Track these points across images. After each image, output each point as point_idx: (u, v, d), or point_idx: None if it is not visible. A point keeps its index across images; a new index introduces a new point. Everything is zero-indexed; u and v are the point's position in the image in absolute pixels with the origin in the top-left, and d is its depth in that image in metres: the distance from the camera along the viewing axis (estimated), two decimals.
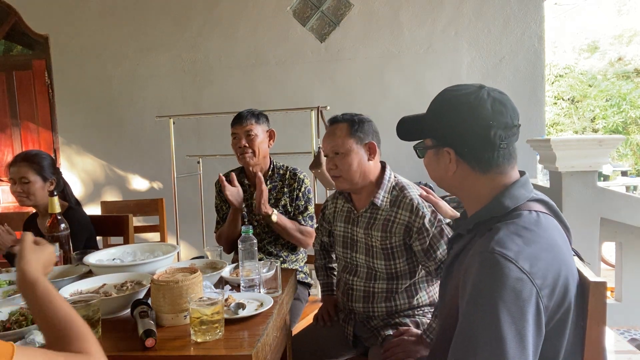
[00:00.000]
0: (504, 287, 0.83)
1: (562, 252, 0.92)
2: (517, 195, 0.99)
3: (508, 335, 0.81)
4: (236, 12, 4.00)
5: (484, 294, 0.85)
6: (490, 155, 0.99)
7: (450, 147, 1.02)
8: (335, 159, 1.64)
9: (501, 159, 0.99)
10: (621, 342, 2.35)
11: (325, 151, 1.69)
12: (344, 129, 1.65)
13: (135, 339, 1.16)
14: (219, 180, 2.05)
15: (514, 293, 0.83)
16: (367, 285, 1.69)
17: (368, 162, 1.65)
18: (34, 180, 2.04)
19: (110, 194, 4.27)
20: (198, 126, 4.07)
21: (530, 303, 0.83)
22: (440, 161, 1.06)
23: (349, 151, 1.62)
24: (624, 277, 2.97)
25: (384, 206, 1.64)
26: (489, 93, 0.99)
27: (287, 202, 2.14)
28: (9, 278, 1.69)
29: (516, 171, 1.03)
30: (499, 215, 0.97)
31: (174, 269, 1.42)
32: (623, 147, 11.94)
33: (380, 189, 1.66)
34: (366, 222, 1.68)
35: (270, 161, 2.20)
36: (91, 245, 2.13)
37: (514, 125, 0.99)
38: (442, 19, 3.81)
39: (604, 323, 0.91)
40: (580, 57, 14.03)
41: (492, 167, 1.00)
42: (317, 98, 3.78)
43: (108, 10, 4.14)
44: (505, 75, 3.77)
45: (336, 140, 1.64)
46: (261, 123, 2.14)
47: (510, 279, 0.84)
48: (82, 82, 4.22)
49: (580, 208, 2.77)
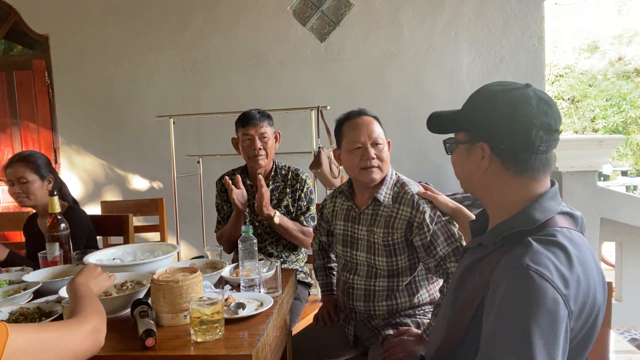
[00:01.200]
0: (539, 308, 0.79)
1: (593, 272, 0.89)
2: (547, 207, 0.94)
3: (539, 358, 0.77)
4: (236, 12, 4.00)
5: (517, 313, 0.81)
6: (527, 156, 0.93)
7: (485, 141, 0.96)
8: (376, 150, 1.64)
9: (537, 163, 0.94)
10: (621, 342, 2.35)
11: (362, 141, 1.63)
12: (375, 121, 1.68)
13: (135, 339, 1.16)
14: (225, 184, 2.01)
15: (549, 315, 0.79)
16: (368, 284, 1.69)
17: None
18: (32, 180, 2.04)
19: (111, 194, 4.27)
20: (198, 126, 4.07)
21: (562, 325, 0.80)
22: (471, 157, 0.99)
23: (384, 142, 1.67)
24: (624, 277, 2.97)
25: (386, 202, 1.64)
26: (535, 92, 0.95)
27: (289, 203, 2.14)
28: (9, 278, 1.69)
29: (548, 180, 0.99)
30: (529, 228, 0.92)
31: (174, 268, 1.42)
32: (623, 147, 11.95)
33: (383, 185, 1.66)
34: (369, 219, 1.67)
35: (272, 161, 2.20)
36: (91, 245, 2.13)
37: (556, 129, 0.93)
38: (442, 19, 3.80)
39: (608, 324, 0.91)
40: (580, 57, 14.03)
41: (527, 170, 0.94)
42: (317, 98, 3.78)
43: (108, 10, 4.14)
44: (505, 75, 3.76)
45: (377, 130, 1.65)
46: (271, 124, 2.15)
47: (547, 299, 0.80)
48: (82, 81, 4.21)
49: (580, 208, 2.75)
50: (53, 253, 1.76)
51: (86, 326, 0.93)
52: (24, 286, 1.55)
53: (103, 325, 1.00)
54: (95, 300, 1.09)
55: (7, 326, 0.72)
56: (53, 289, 1.53)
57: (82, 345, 0.89)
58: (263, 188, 1.95)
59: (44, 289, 1.55)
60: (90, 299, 1.08)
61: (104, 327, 1.00)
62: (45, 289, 1.56)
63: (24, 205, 2.08)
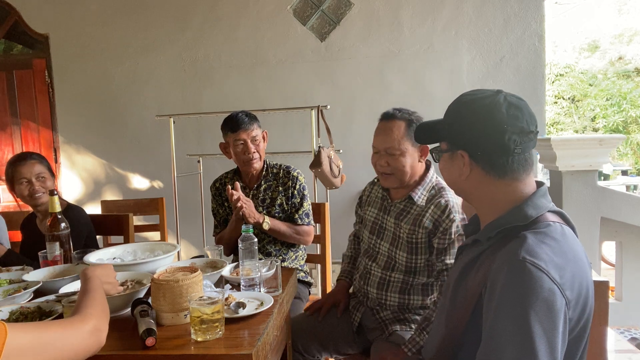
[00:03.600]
0: (537, 298, 0.82)
1: (584, 264, 0.92)
2: (539, 204, 0.97)
3: (540, 347, 0.79)
4: (236, 12, 4.00)
5: (515, 304, 0.83)
6: (505, 160, 0.97)
7: (464, 149, 1.01)
8: (388, 158, 1.62)
9: (516, 165, 0.97)
10: (621, 342, 2.35)
11: (377, 147, 1.65)
12: (401, 128, 1.60)
13: (135, 338, 1.16)
14: (228, 194, 1.94)
15: (546, 304, 0.81)
16: (384, 274, 1.70)
17: (418, 162, 1.65)
18: (48, 177, 2.10)
19: (111, 193, 4.27)
20: (198, 125, 4.07)
21: (560, 314, 0.82)
22: (454, 164, 1.05)
23: (404, 152, 1.60)
24: (624, 276, 2.97)
25: (420, 202, 1.65)
26: (506, 97, 0.98)
27: (283, 201, 2.14)
28: (9, 277, 1.69)
29: (532, 179, 1.02)
30: (523, 224, 0.96)
31: (174, 268, 1.42)
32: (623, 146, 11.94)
33: (420, 186, 1.66)
34: (398, 212, 1.68)
35: (263, 161, 2.19)
36: (91, 244, 2.13)
37: (530, 131, 0.97)
38: (442, 18, 3.80)
39: (606, 323, 0.92)
40: (580, 57, 14.03)
41: (506, 172, 0.98)
42: (317, 97, 3.78)
43: (108, 10, 4.13)
44: (505, 75, 3.77)
45: (393, 141, 1.60)
46: (260, 125, 2.13)
47: (543, 289, 0.82)
48: (83, 81, 4.21)
49: (580, 207, 2.77)
50: (53, 252, 1.76)
51: (87, 325, 0.93)
52: (24, 285, 1.55)
53: (105, 325, 0.99)
54: (102, 298, 1.09)
55: (5, 325, 0.72)
56: (53, 289, 1.53)
57: (82, 345, 0.89)
58: (242, 197, 1.92)
59: (44, 289, 1.55)
60: (99, 295, 1.08)
61: (106, 327, 0.99)
62: (46, 289, 1.55)
63: (40, 201, 2.07)
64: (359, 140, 3.72)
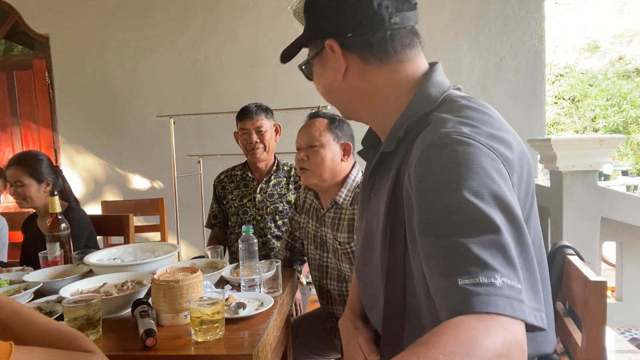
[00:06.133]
0: (473, 168, 0.64)
1: (516, 136, 0.77)
2: (439, 81, 0.81)
3: (492, 213, 0.63)
4: (236, 12, 4.00)
5: (449, 187, 0.64)
6: (382, 35, 0.79)
7: (330, 37, 0.82)
8: (308, 151, 1.60)
9: (397, 42, 0.80)
10: (622, 342, 2.35)
11: (299, 143, 1.65)
12: (323, 123, 1.63)
13: (135, 339, 1.16)
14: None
15: (485, 172, 0.64)
16: (341, 287, 1.66)
17: (340, 162, 1.62)
18: (28, 184, 2.02)
19: (111, 194, 4.27)
20: (198, 126, 4.07)
21: (506, 179, 0.67)
22: (326, 66, 0.86)
23: (324, 145, 1.60)
24: (625, 276, 2.97)
25: (345, 204, 1.61)
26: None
27: (292, 199, 2.17)
28: (10, 278, 1.69)
29: (423, 58, 0.84)
30: (430, 109, 0.78)
31: (174, 268, 1.42)
32: (623, 146, 11.94)
33: (344, 187, 1.63)
34: (331, 222, 1.64)
35: (274, 156, 2.24)
36: (92, 244, 2.13)
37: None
38: (442, 19, 3.80)
39: (604, 322, 0.91)
40: (580, 57, 14.02)
41: (388, 53, 0.80)
42: (318, 97, 3.74)
43: (108, 10, 4.14)
44: (505, 75, 3.76)
45: (314, 133, 1.61)
46: (270, 117, 2.17)
47: (481, 157, 0.66)
48: (83, 81, 4.21)
49: (580, 207, 2.77)
50: (53, 253, 1.76)
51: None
52: (24, 286, 1.55)
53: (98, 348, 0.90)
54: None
55: (12, 345, 0.71)
56: (53, 289, 1.53)
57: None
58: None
59: (44, 289, 1.56)
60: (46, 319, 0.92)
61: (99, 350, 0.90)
62: (46, 289, 1.56)
63: (22, 207, 2.08)
64: (358, 140, 3.71)
